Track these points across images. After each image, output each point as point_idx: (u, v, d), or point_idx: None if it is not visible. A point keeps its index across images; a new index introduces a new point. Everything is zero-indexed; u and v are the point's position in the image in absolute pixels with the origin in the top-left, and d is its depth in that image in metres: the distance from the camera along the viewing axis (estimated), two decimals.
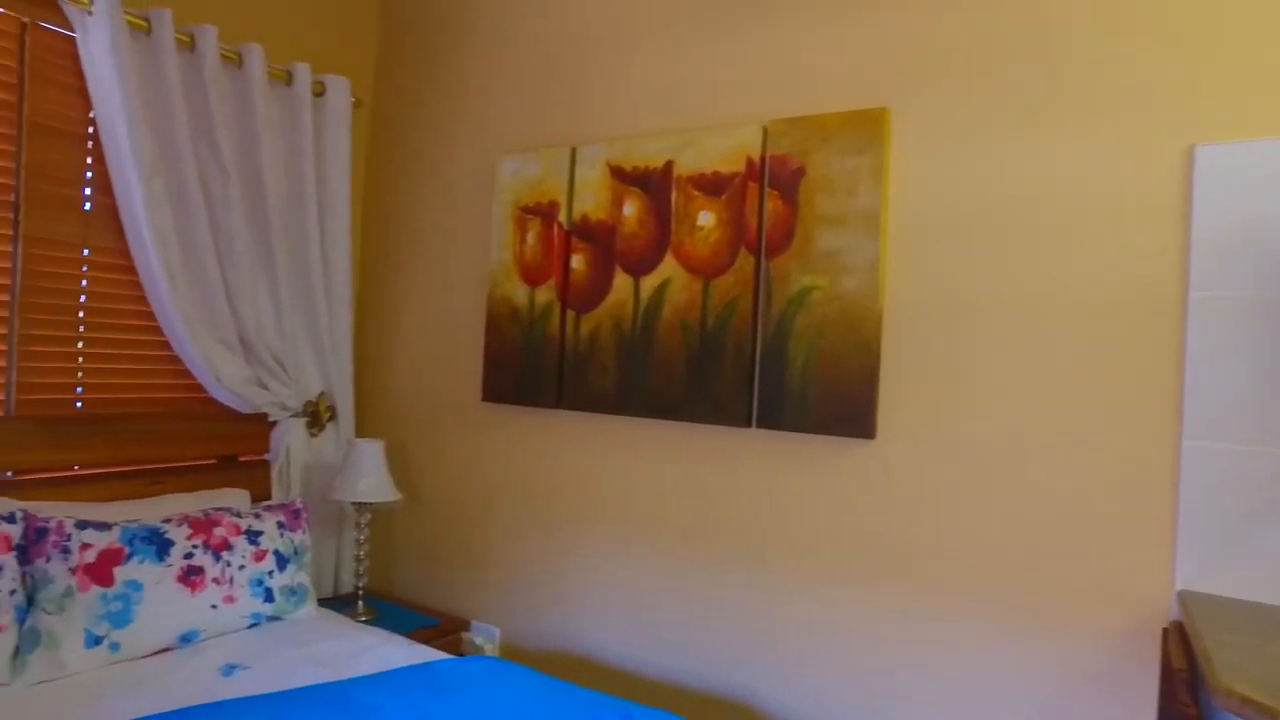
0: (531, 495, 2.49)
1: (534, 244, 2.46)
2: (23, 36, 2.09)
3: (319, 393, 2.72)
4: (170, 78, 2.22)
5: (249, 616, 2.05)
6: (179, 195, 2.29)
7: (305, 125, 2.57)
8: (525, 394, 2.46)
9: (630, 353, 2.25)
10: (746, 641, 2.08)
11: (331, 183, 2.68)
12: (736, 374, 2.07)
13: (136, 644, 1.84)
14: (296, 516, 2.27)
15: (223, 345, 2.45)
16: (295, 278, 2.63)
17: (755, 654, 2.07)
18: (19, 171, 2.10)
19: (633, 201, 2.27)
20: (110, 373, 2.30)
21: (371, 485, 2.50)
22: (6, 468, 2.02)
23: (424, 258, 2.80)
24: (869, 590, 1.92)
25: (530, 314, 2.46)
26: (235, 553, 2.05)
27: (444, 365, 2.73)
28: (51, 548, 1.82)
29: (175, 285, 2.28)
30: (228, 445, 2.48)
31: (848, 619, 1.94)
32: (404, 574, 2.80)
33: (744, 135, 2.08)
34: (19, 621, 1.76)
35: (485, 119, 2.66)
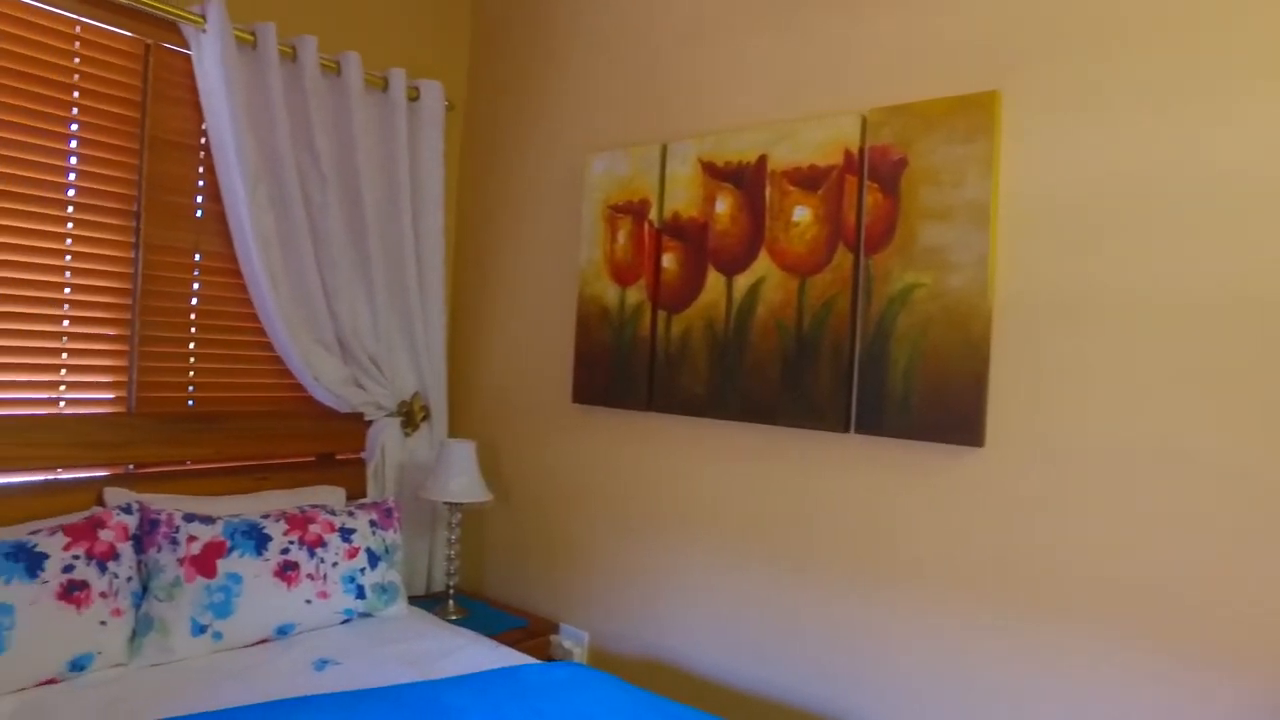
0: (621, 498, 2.45)
1: (624, 243, 2.42)
2: (146, 57, 2.20)
3: (413, 393, 2.76)
4: (273, 88, 2.29)
5: (341, 612, 2.08)
6: (280, 201, 2.37)
7: (400, 130, 2.61)
8: (615, 396, 2.42)
9: (723, 354, 2.18)
10: (842, 657, 1.97)
11: (425, 186, 2.72)
12: (834, 376, 1.96)
13: (237, 634, 1.90)
14: (388, 515, 2.30)
15: (321, 346, 2.51)
16: (390, 280, 2.68)
17: (851, 671, 1.96)
18: (140, 183, 2.21)
19: (725, 198, 2.20)
20: (218, 373, 2.39)
21: (462, 485, 2.51)
22: (128, 461, 2.13)
23: (516, 258, 2.81)
24: (976, 609, 1.78)
25: (621, 314, 2.42)
26: (329, 549, 2.09)
27: (535, 366, 2.73)
28: (162, 539, 1.90)
29: (277, 288, 2.36)
30: (326, 444, 2.55)
31: (953, 639, 1.81)
32: (495, 574, 2.81)
33: (842, 126, 1.98)
34: (135, 607, 1.85)
35: (575, 118, 2.65)
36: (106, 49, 2.14)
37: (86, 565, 1.76)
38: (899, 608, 1.89)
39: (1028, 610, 1.71)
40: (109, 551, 1.82)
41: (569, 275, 2.63)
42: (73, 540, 1.77)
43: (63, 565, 1.72)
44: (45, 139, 2.04)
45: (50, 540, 1.75)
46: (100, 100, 2.13)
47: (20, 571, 1.66)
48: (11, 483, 1.94)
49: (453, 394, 2.97)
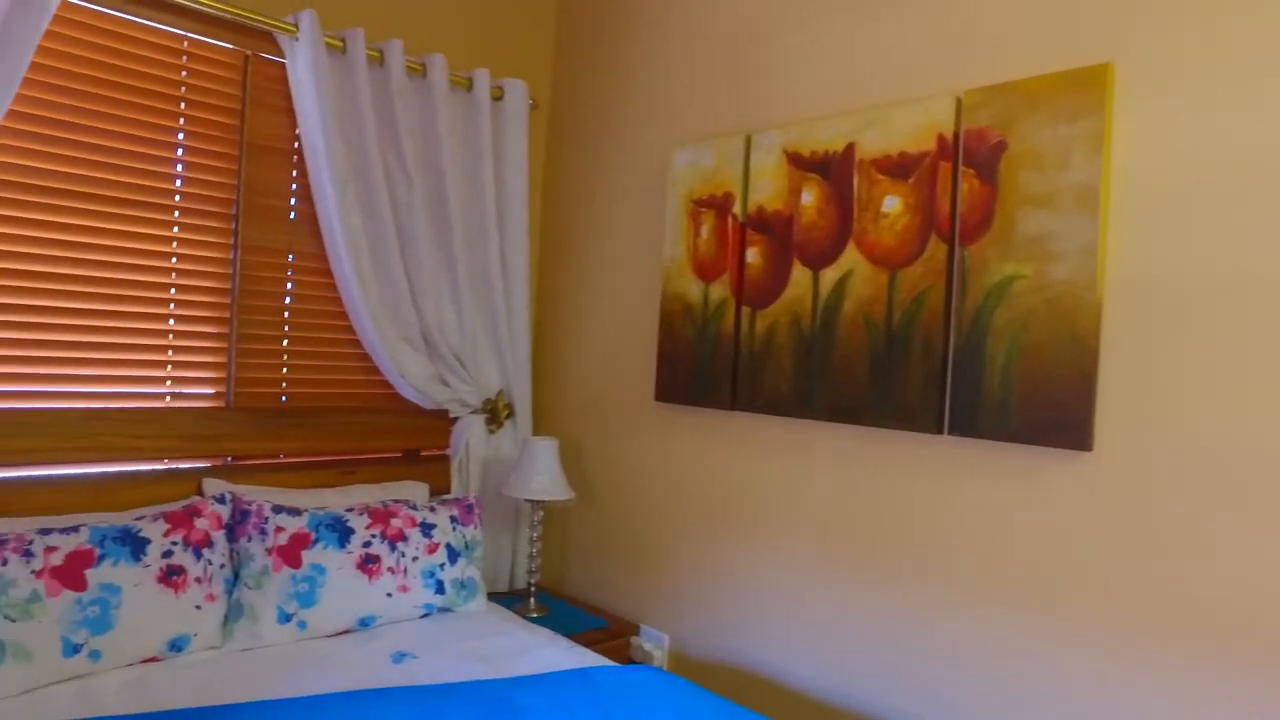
0: (704, 499, 2.40)
1: (708, 238, 2.36)
2: (246, 67, 2.30)
3: (498, 390, 2.78)
4: (361, 91, 2.35)
5: (421, 607, 2.11)
6: (368, 201, 2.42)
7: (484, 129, 2.64)
8: (698, 394, 2.36)
9: (808, 351, 2.09)
10: (932, 671, 1.85)
11: (509, 184, 2.74)
12: (926, 374, 1.85)
13: (321, 624, 1.95)
14: (469, 512, 2.31)
15: (407, 344, 2.56)
16: (475, 278, 2.71)
17: (944, 688, 1.83)
18: (239, 187, 2.30)
19: (811, 189, 2.11)
20: (310, 370, 2.47)
21: (544, 483, 2.51)
22: (226, 454, 2.22)
23: (599, 255, 2.79)
24: (1081, 626, 1.63)
25: (704, 311, 2.36)
26: (410, 544, 2.12)
27: (618, 364, 2.70)
28: (252, 529, 1.96)
29: (365, 286, 2.41)
30: (411, 440, 2.59)
31: (1055, 658, 1.67)
32: (576, 573, 2.80)
33: (935, 109, 1.86)
34: (228, 593, 1.92)
35: (658, 112, 2.60)
36: (210, 61, 2.24)
37: (184, 551, 1.84)
38: (996, 622, 1.76)
39: (1141, 631, 1.56)
40: (204, 539, 1.89)
41: (652, 272, 2.59)
42: (172, 527, 1.86)
43: (163, 550, 1.81)
44: (156, 148, 2.16)
45: (153, 526, 1.83)
46: (203, 110, 2.23)
47: (126, 555, 1.75)
48: (124, 470, 2.05)
49: (537, 391, 2.98)
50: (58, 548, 1.68)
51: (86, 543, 1.72)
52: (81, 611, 1.66)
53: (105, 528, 1.77)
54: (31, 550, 1.66)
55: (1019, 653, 1.72)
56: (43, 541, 1.68)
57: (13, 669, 1.58)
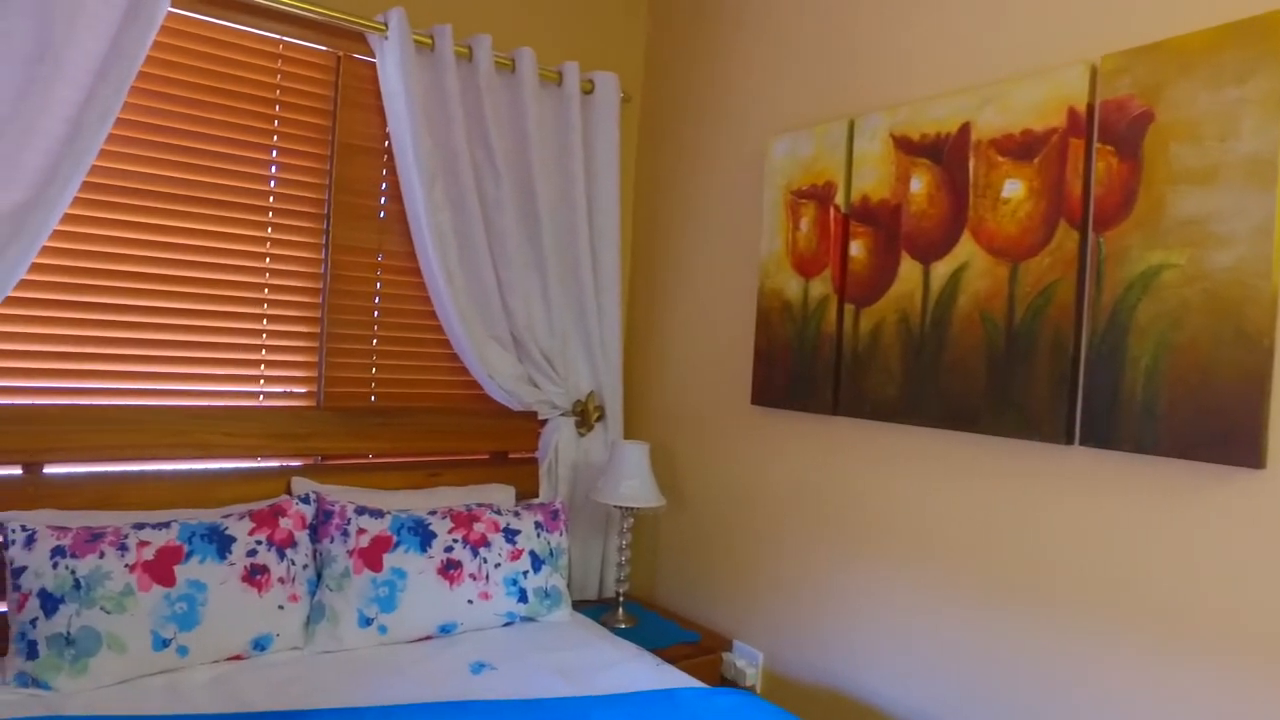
0: (803, 509, 2.24)
1: (808, 231, 2.21)
2: (337, 68, 2.31)
3: (588, 392, 2.71)
4: (449, 88, 2.32)
5: (503, 615, 2.04)
6: (456, 198, 2.39)
7: (574, 124, 2.56)
8: (798, 398, 2.21)
9: (918, 352, 1.91)
10: (1054, 709, 1.64)
11: (600, 180, 2.65)
12: (1053, 378, 1.64)
13: (401, 629, 1.91)
14: (555, 518, 2.24)
15: (496, 343, 2.51)
16: (565, 276, 2.64)
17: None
18: (330, 187, 2.31)
19: (921, 175, 1.93)
20: (398, 369, 2.46)
21: (634, 489, 2.41)
22: (314, 453, 2.22)
23: (694, 252, 2.67)
24: (1261, 678, 1.39)
25: (804, 309, 2.21)
26: (492, 550, 2.06)
27: (713, 365, 2.58)
28: (335, 530, 1.95)
29: (453, 284, 2.38)
30: (499, 441, 2.54)
31: (1214, 707, 1.43)
32: (667, 582, 2.69)
33: (1064, 80, 1.65)
34: (311, 594, 1.91)
35: (756, 99, 2.46)
36: (304, 64, 2.26)
37: (268, 551, 1.84)
38: (1141, 665, 1.53)
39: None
40: (288, 539, 1.89)
41: (749, 268, 2.45)
42: (257, 526, 1.86)
43: (247, 549, 1.81)
44: (252, 151, 2.19)
45: (239, 525, 1.84)
46: (297, 111, 2.25)
47: (212, 552, 1.76)
48: (218, 468, 2.08)
49: (628, 393, 2.88)
50: (150, 543, 1.70)
51: (176, 539, 1.73)
52: (170, 607, 1.67)
53: (194, 524, 1.79)
54: (126, 544, 1.68)
55: (1174, 697, 1.49)
56: (137, 536, 1.70)
57: (109, 659, 1.60)
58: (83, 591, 1.61)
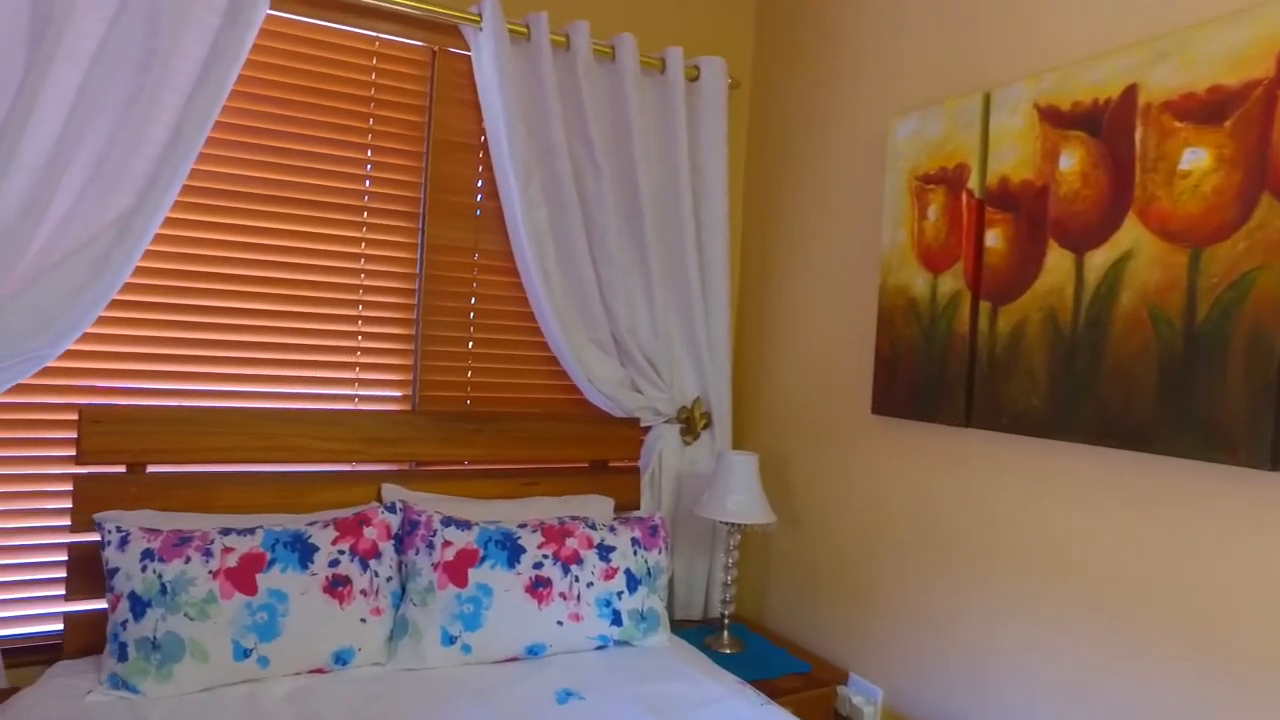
0: (930, 532, 1.98)
1: (936, 220, 1.96)
2: (432, 63, 2.25)
3: (694, 397, 2.54)
4: (545, 78, 2.21)
5: (595, 639, 1.90)
6: (554, 194, 2.28)
7: (678, 113, 2.40)
8: (924, 407, 1.96)
9: (1069, 356, 1.63)
10: None
11: (707, 171, 2.48)
12: (1249, 388, 1.34)
13: (486, 649, 1.80)
14: (654, 534, 2.08)
15: (596, 345, 2.39)
16: (669, 274, 2.49)
17: None
18: (425, 185, 2.25)
19: (1073, 150, 1.65)
20: (495, 373, 2.38)
21: (741, 504, 2.22)
22: (406, 458, 2.16)
23: (808, 247, 2.45)
24: None
25: (931, 307, 1.96)
26: (585, 567, 1.92)
27: (829, 370, 2.35)
28: (420, 541, 1.86)
29: (550, 284, 2.27)
30: (599, 450, 2.41)
31: None
32: (778, 605, 2.48)
33: (1271, 19, 1.35)
34: (394, 607, 1.83)
35: (875, 79, 2.23)
36: (399, 60, 2.21)
37: (350, 561, 1.77)
38: None
39: None
40: (372, 549, 1.82)
41: (869, 263, 2.22)
42: (340, 535, 1.80)
43: (329, 559, 1.75)
44: (348, 150, 2.16)
45: (322, 533, 1.78)
46: (392, 109, 2.21)
47: (294, 561, 1.71)
48: (310, 471, 2.05)
49: (738, 399, 2.69)
50: (234, 549, 1.67)
51: (260, 546, 1.69)
52: (251, 616, 1.62)
53: (279, 531, 1.74)
54: (211, 550, 1.65)
55: None
56: (222, 541, 1.67)
57: (192, 666, 1.57)
58: (168, 596, 1.59)
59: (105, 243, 1.78)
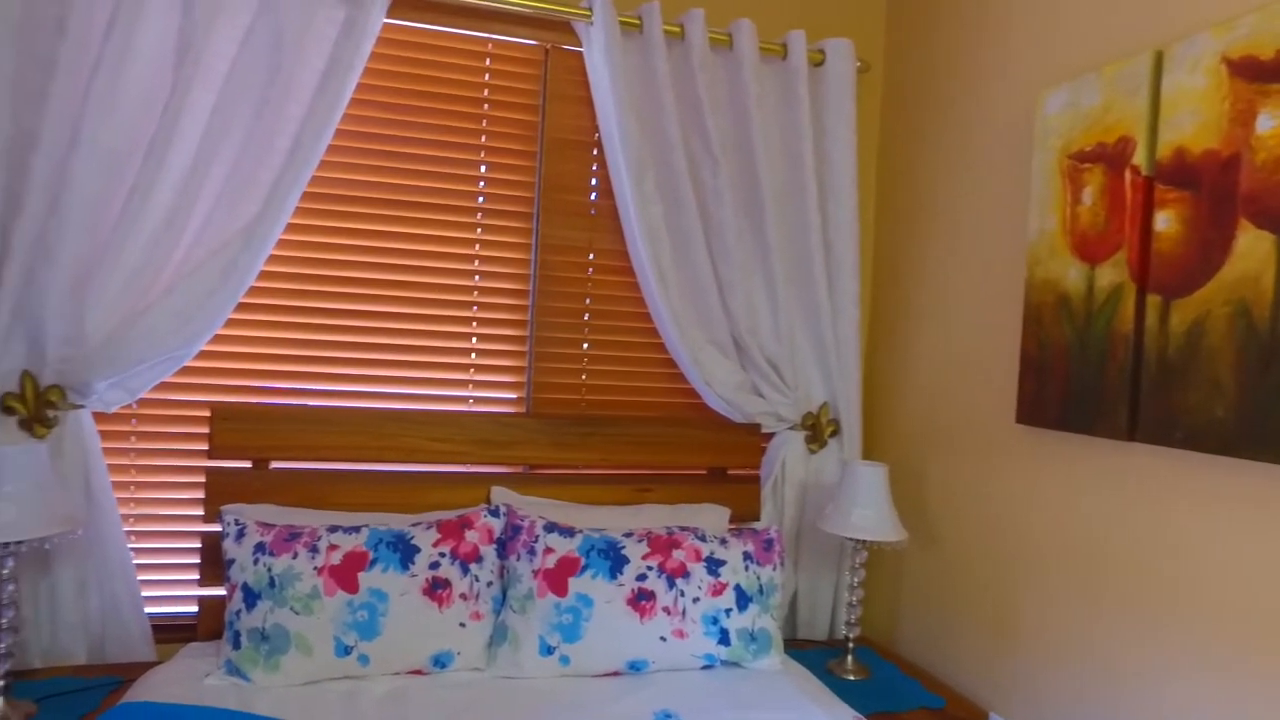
0: (1086, 559, 1.73)
1: (1093, 203, 1.71)
2: (545, 61, 2.23)
3: (821, 403, 2.38)
4: (659, 71, 2.13)
5: (701, 657, 1.79)
6: (669, 190, 2.20)
7: (802, 100, 2.25)
8: (1078, 418, 1.72)
9: (1266, 359, 1.36)
10: None
11: (833, 161, 2.32)
12: None
13: (584, 662, 1.74)
14: (768, 548, 1.94)
15: (714, 347, 2.28)
16: (793, 271, 2.34)
17: None
18: (538, 184, 2.24)
19: (1275, 108, 1.38)
20: (609, 375, 2.32)
21: (867, 518, 2.04)
22: (519, 461, 2.15)
23: (946, 240, 2.23)
24: None
25: (1087, 303, 1.71)
26: (691, 581, 1.82)
27: (969, 375, 2.13)
28: (521, 547, 1.83)
29: (665, 283, 2.19)
30: (718, 456, 2.30)
31: None
32: (910, 630, 2.26)
33: None
34: (495, 613, 1.81)
35: (1021, 46, 1.99)
36: (511, 60, 2.21)
37: (450, 564, 1.76)
38: None
39: None
40: (473, 553, 1.80)
41: (1013, 255, 1.98)
42: (442, 537, 1.79)
43: (430, 561, 1.74)
44: (462, 152, 2.18)
45: (425, 534, 1.79)
46: (505, 109, 2.21)
47: (396, 562, 1.72)
48: (424, 471, 2.07)
49: (868, 405, 2.50)
50: (339, 547, 1.70)
51: (363, 545, 1.72)
52: (352, 614, 1.64)
53: (383, 531, 1.76)
54: (318, 546, 1.69)
55: None
56: (328, 539, 1.71)
57: (297, 659, 1.61)
58: (276, 590, 1.64)
59: (234, 249, 1.88)
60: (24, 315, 1.77)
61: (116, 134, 1.80)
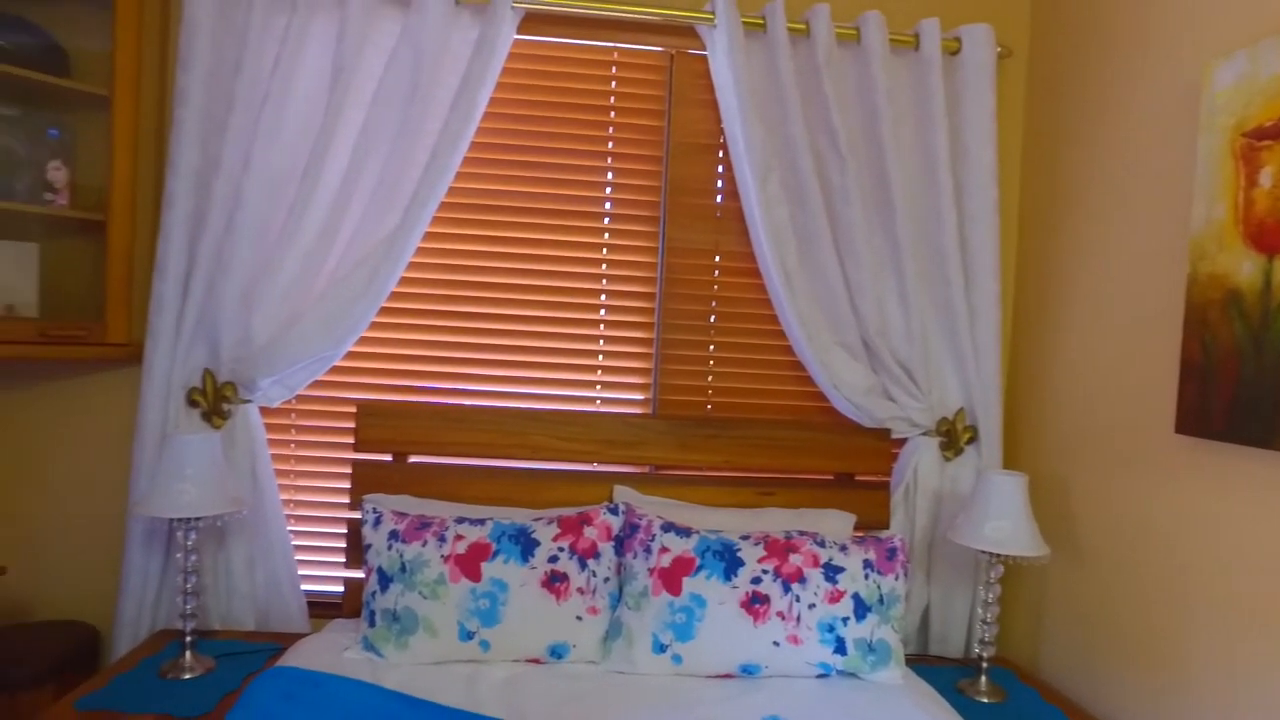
0: (1257, 587, 1.54)
1: (1272, 186, 1.53)
2: (670, 67, 2.26)
3: (957, 408, 2.26)
4: (783, 69, 2.10)
5: (816, 665, 1.75)
6: (795, 190, 2.16)
7: (935, 92, 2.15)
8: (1249, 428, 1.54)
9: None
10: None
11: (972, 153, 2.19)
12: None
13: (696, 662, 1.74)
14: (891, 557, 1.87)
15: (843, 349, 2.22)
16: (927, 271, 2.24)
17: None
18: (664, 188, 2.27)
19: None
20: (735, 378, 2.31)
21: (1002, 531, 1.92)
22: (642, 461, 2.18)
23: (1097, 233, 2.06)
24: None
25: (1263, 300, 1.53)
26: (807, 587, 1.78)
27: (1121, 379, 1.95)
28: (639, 545, 1.86)
29: (791, 285, 2.16)
30: (845, 462, 2.23)
31: None
32: (1055, 654, 2.10)
33: None
34: (611, 608, 1.84)
35: (1186, 17, 1.80)
36: (636, 67, 2.26)
37: (569, 559, 1.82)
38: None
39: None
40: (591, 549, 1.85)
41: (1173, 249, 1.80)
42: (562, 532, 1.85)
43: (549, 555, 1.81)
44: (589, 159, 2.25)
45: (546, 529, 1.85)
46: (630, 115, 2.26)
47: (516, 554, 1.79)
48: (551, 469, 2.15)
49: (1010, 412, 2.35)
50: (464, 537, 1.79)
51: (487, 537, 1.80)
52: (474, 601, 1.73)
53: (506, 524, 1.84)
54: (445, 536, 1.79)
55: None
56: (455, 529, 1.81)
57: (424, 640, 1.72)
58: (406, 574, 1.75)
59: (376, 258, 2.03)
60: (205, 320, 2.01)
61: (280, 157, 2.01)
